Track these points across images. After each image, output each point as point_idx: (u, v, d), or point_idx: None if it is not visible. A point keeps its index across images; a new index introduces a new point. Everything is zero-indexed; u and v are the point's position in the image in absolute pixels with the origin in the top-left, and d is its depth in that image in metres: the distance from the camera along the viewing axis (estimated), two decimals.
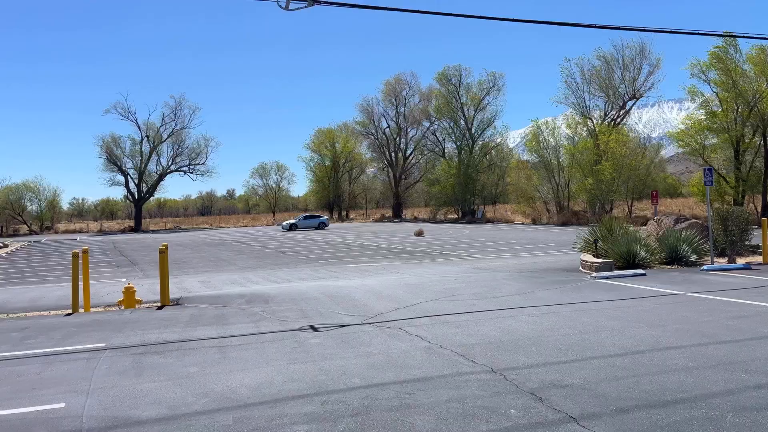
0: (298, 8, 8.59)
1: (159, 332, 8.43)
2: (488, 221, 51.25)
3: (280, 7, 8.45)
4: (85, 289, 10.95)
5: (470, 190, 58.62)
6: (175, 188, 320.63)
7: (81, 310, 10.68)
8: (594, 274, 13.05)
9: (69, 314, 10.37)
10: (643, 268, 13.64)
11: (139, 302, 11.11)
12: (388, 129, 74.69)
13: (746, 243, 15.57)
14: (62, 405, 5.38)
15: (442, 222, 56.89)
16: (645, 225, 21.16)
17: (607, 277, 12.65)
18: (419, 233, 34.81)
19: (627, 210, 42.20)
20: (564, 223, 41.01)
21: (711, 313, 8.50)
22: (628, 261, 13.92)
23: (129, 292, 10.98)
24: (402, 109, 72.51)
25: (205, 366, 6.51)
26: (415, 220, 65.85)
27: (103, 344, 7.78)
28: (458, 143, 61.03)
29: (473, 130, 60.53)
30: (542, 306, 9.49)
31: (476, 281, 12.79)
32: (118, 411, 5.19)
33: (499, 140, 64.05)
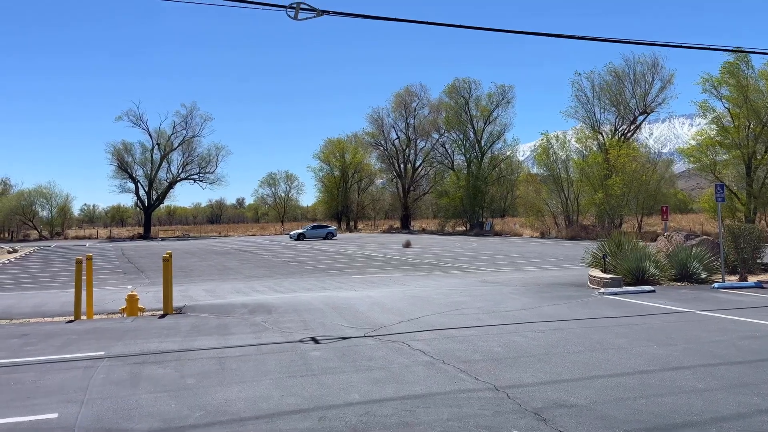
0: (306, 18, 8.57)
1: (159, 341, 8.35)
2: (496, 234, 51.02)
3: (290, 17, 8.44)
4: (89, 296, 10.91)
5: (479, 202, 58.45)
6: (185, 196, 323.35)
7: (83, 317, 10.63)
8: (602, 289, 12.86)
9: (71, 321, 10.32)
10: (652, 285, 13.43)
11: (142, 310, 11.05)
12: (397, 140, 74.84)
13: (758, 261, 15.32)
14: (55, 415, 5.29)
15: (450, 234, 56.70)
16: (655, 241, 20.95)
17: (615, 293, 12.45)
18: (407, 244, 35.06)
19: (636, 225, 41.86)
20: (573, 238, 40.74)
21: (722, 333, 8.30)
22: (637, 277, 13.72)
23: (132, 299, 10.92)
24: (411, 121, 72.66)
25: (203, 377, 6.41)
26: (423, 231, 65.69)
27: (102, 353, 7.70)
28: (467, 155, 60.96)
29: (482, 143, 60.46)
30: (549, 322, 9.34)
31: (482, 295, 12.65)
32: (111, 423, 5.08)
33: (508, 153, 63.89)
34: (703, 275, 14.12)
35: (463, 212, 59.23)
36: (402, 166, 74.82)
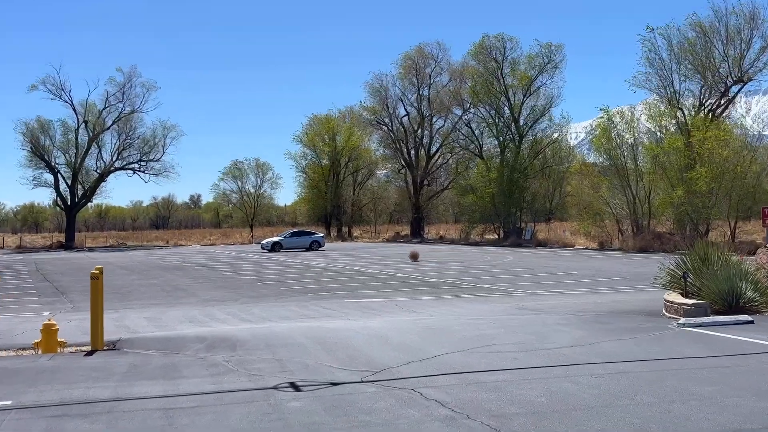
0: None
1: (86, 387, 8.38)
2: (539, 244, 51.07)
3: None
4: None
5: (516, 201, 58.52)
6: (122, 192, 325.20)
7: None
8: (682, 320, 12.85)
9: None
10: (749, 314, 13.41)
11: (63, 345, 11.08)
12: (406, 118, 75.13)
13: None
14: None
15: (477, 244, 56.72)
16: (753, 254, 20.91)
17: (699, 325, 12.43)
18: (414, 256, 35.40)
19: (729, 233, 41.78)
20: (642, 249, 40.71)
21: None
22: (730, 303, 13.70)
23: (49, 330, 10.96)
24: (426, 92, 72.93)
25: None
26: (441, 240, 65.78)
27: (9, 402, 7.72)
28: (501, 138, 61.09)
29: (521, 122, 60.61)
30: (609, 363, 9.33)
31: (520, 326, 12.66)
32: None
33: (556, 135, 64.07)
34: None
35: (494, 215, 59.30)
36: (413, 152, 75.07)
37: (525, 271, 28.21)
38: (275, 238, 53.94)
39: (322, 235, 56.93)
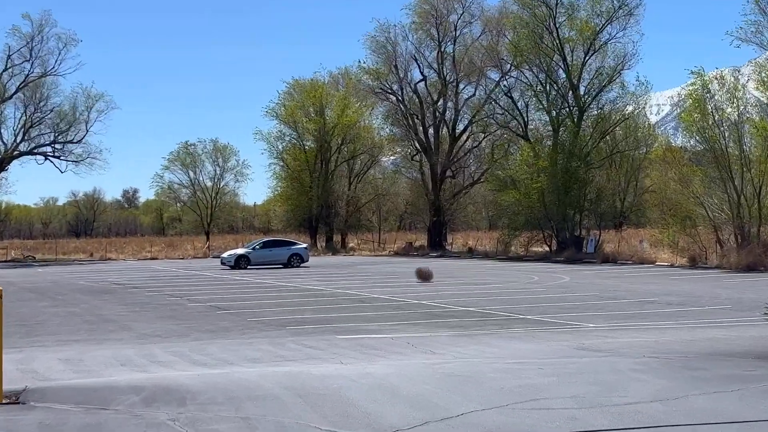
0: None
1: None
2: (606, 260, 50.99)
3: None
4: None
5: (574, 200, 58.39)
6: (29, 186, 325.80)
7: None
8: None
9: None
10: None
11: None
12: (423, 84, 75.16)
13: None
14: None
15: (520, 259, 56.63)
16: None
17: None
18: (424, 275, 35.59)
19: None
20: (750, 267, 40.58)
21: None
22: None
23: None
24: (450, 48, 73.03)
25: None
26: (470, 253, 65.69)
27: None
28: (554, 113, 61.02)
29: (582, 90, 60.50)
30: (703, 425, 9.31)
31: (579, 373, 12.63)
32: None
33: (629, 109, 63.96)
34: None
35: (544, 219, 59.18)
36: (431, 131, 75.15)
37: (586, 296, 28.08)
38: (240, 250, 53.93)
39: (305, 246, 56.90)
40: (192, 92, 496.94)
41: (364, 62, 76.35)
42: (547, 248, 59.39)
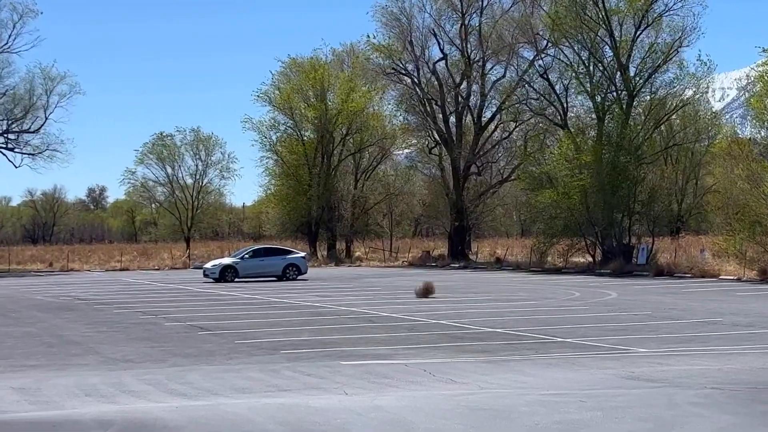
0: None
1: None
2: (660, 272, 50.76)
3: None
4: None
5: (623, 202, 58.16)
6: None
7: None
8: None
9: None
10: None
11: None
12: (443, 64, 74.99)
13: None
14: None
15: (558, 271, 56.51)
16: None
17: None
18: (426, 291, 35.71)
19: None
20: None
21: None
22: None
23: None
24: (475, 21, 72.86)
25: None
26: (499, 263, 65.57)
27: None
28: (599, 98, 60.83)
29: (632, 71, 60.32)
30: None
31: (628, 406, 12.62)
32: None
33: (689, 94, 63.73)
34: None
35: (587, 224, 58.93)
36: (453, 120, 75.01)
37: (637, 317, 27.98)
38: (227, 260, 53.81)
39: (302, 254, 56.79)
40: (169, 72, 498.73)
41: (374, 37, 75.87)
42: (590, 259, 59.11)
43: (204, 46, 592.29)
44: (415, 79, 75.14)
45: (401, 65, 75.19)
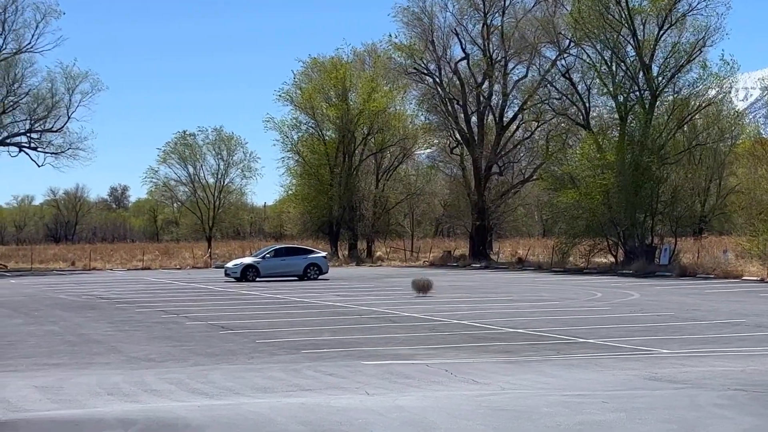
0: None
1: None
2: (684, 273, 50.61)
3: None
4: None
5: (645, 202, 57.98)
6: (0, 182, 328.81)
7: None
8: None
9: None
10: None
11: None
12: (465, 63, 74.86)
13: None
14: None
15: (580, 271, 56.39)
16: None
17: None
18: (423, 287, 36.07)
19: None
20: None
21: None
22: None
23: None
24: (497, 21, 72.68)
25: None
26: (521, 264, 65.43)
27: None
28: (621, 98, 60.64)
29: (655, 70, 60.10)
30: None
31: (651, 407, 12.58)
32: None
33: (712, 93, 63.39)
34: None
35: (609, 224, 58.80)
36: (474, 119, 74.86)
37: (660, 318, 27.90)
38: (248, 260, 53.91)
39: (323, 254, 56.80)
40: (191, 71, 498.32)
41: (396, 37, 75.86)
42: (613, 259, 58.96)
43: (226, 45, 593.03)
44: (437, 79, 75.04)
45: (423, 65, 75.11)
